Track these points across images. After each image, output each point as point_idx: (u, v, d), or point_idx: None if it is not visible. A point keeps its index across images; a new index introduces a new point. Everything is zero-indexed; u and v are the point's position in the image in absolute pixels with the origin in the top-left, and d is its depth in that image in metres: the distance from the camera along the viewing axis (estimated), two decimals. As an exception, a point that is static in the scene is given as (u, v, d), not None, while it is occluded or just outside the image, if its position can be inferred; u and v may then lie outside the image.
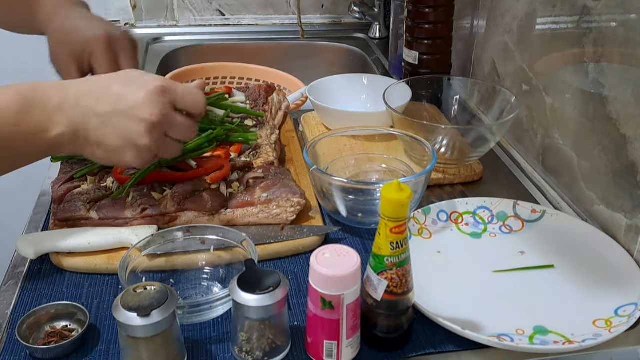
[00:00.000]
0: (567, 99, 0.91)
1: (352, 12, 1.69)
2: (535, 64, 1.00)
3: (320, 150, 0.89)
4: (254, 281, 0.62)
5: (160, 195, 0.82)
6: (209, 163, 0.88)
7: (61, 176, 0.88)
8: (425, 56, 1.17)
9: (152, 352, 0.60)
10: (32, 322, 0.68)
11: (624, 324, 0.66)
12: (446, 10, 1.15)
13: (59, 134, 0.67)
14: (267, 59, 1.58)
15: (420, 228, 0.83)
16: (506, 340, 0.65)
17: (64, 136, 0.68)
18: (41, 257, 0.78)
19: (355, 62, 1.64)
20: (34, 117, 0.66)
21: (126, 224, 0.80)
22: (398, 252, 0.60)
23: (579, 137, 0.89)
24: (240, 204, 0.82)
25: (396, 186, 0.58)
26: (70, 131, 0.68)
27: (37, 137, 0.67)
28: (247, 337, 0.63)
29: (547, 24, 0.96)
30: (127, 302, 0.58)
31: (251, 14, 1.75)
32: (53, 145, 0.68)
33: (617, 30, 0.79)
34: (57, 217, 0.81)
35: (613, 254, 0.77)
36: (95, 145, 0.70)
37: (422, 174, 0.81)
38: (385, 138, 0.97)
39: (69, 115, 0.68)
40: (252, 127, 1.00)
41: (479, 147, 0.95)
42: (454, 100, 1.09)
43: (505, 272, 0.77)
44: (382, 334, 0.65)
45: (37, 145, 0.68)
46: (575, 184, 0.91)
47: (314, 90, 1.12)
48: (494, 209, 0.86)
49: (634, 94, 0.76)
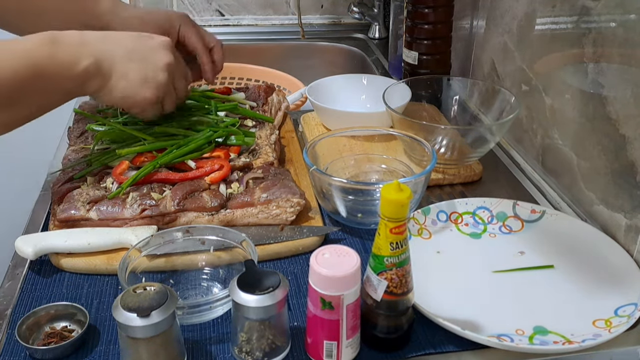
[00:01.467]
0: (566, 99, 0.91)
1: (351, 12, 1.69)
2: (535, 64, 1.00)
3: (319, 151, 0.89)
4: (254, 281, 0.62)
5: (160, 196, 0.82)
6: (208, 163, 0.88)
7: (61, 176, 0.88)
8: (425, 56, 1.17)
9: (152, 353, 0.59)
10: (31, 323, 0.68)
11: (624, 324, 0.66)
12: (445, 11, 1.15)
13: (87, 65, 0.74)
14: (266, 59, 1.58)
15: (420, 228, 0.83)
16: (506, 341, 0.65)
17: (91, 67, 0.74)
18: (41, 258, 0.78)
19: (355, 62, 1.64)
20: (64, 50, 0.73)
21: (126, 224, 0.80)
22: (398, 252, 0.60)
23: (578, 137, 0.89)
24: (240, 204, 0.82)
25: (396, 186, 0.58)
26: (97, 62, 0.75)
27: (69, 69, 0.73)
28: (246, 338, 0.63)
29: (546, 24, 0.96)
30: (127, 302, 0.58)
31: (250, 14, 1.75)
32: (80, 79, 0.74)
33: (616, 31, 0.79)
34: (57, 217, 0.81)
35: (613, 254, 0.77)
36: (119, 77, 0.78)
37: (421, 174, 0.81)
38: (385, 138, 0.97)
39: (96, 48, 0.76)
40: (252, 128, 1.00)
41: (479, 148, 0.95)
42: (454, 100, 1.09)
43: (505, 272, 0.77)
44: (381, 334, 0.65)
45: (69, 77, 0.74)
46: (574, 184, 0.91)
47: (314, 91, 1.12)
48: (493, 209, 0.86)
49: (634, 94, 0.76)
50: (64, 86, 0.75)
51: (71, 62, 0.73)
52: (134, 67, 0.79)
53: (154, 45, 0.82)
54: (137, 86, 0.80)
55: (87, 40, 0.76)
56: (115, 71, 0.77)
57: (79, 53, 0.74)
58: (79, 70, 0.74)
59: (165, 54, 0.82)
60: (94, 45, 0.76)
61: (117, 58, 0.78)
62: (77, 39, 0.75)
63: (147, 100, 0.81)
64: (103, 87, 0.78)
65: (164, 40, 0.83)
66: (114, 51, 0.78)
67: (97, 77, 0.76)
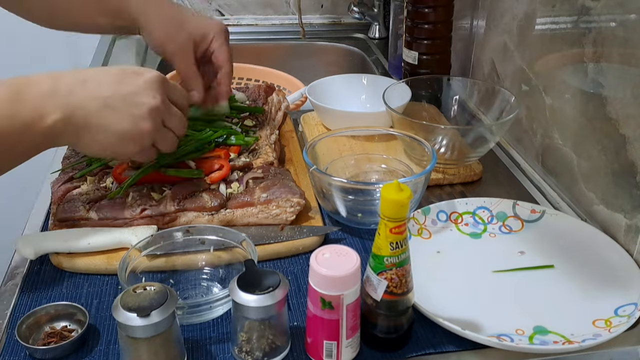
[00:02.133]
0: (566, 99, 0.91)
1: (351, 12, 1.69)
2: (535, 64, 1.00)
3: (319, 151, 0.89)
4: (254, 281, 0.62)
5: (160, 196, 0.82)
6: (208, 163, 0.88)
7: (61, 176, 0.88)
8: (425, 56, 1.17)
9: (152, 353, 0.59)
10: (31, 323, 0.68)
11: (624, 324, 0.66)
12: (445, 11, 1.15)
13: (54, 121, 0.66)
14: (266, 59, 1.57)
15: (420, 228, 0.83)
16: (506, 340, 0.65)
17: (59, 123, 0.66)
18: (41, 258, 0.78)
19: (355, 62, 1.64)
20: (28, 106, 0.65)
21: (126, 224, 0.80)
22: (398, 252, 0.60)
23: (578, 137, 0.89)
24: (240, 204, 0.82)
25: (396, 186, 0.58)
26: (66, 117, 0.67)
27: (33, 127, 0.65)
28: (246, 338, 0.63)
29: (546, 24, 0.96)
30: (127, 302, 0.58)
31: (250, 14, 1.75)
32: (49, 135, 0.67)
33: (616, 31, 0.79)
34: (57, 217, 0.81)
35: (613, 254, 0.77)
36: (95, 131, 0.69)
37: (421, 174, 0.81)
38: (385, 138, 0.97)
39: (65, 101, 0.67)
40: (252, 127, 1.00)
41: (479, 147, 0.95)
42: (454, 100, 1.09)
43: (505, 272, 0.77)
44: (381, 334, 0.65)
45: (34, 135, 0.66)
46: (574, 184, 0.91)
47: (314, 91, 1.12)
48: (493, 209, 0.86)
49: (634, 94, 0.76)
50: (32, 142, 0.67)
51: (35, 118, 0.65)
52: (111, 120, 0.69)
53: (138, 86, 0.71)
54: (118, 140, 0.71)
55: (58, 89, 0.67)
56: (89, 125, 0.69)
57: (44, 108, 0.66)
58: (44, 126, 0.66)
59: (150, 95, 0.71)
60: (65, 98, 0.67)
61: (92, 111, 0.68)
62: (45, 88, 0.66)
63: (129, 153, 0.73)
64: (77, 143, 0.70)
65: (150, 77, 0.72)
66: (88, 103, 0.68)
67: (68, 133, 0.68)
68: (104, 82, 0.70)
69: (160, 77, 0.74)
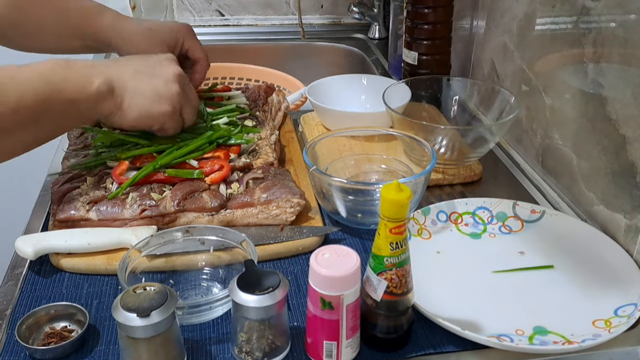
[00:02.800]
0: (566, 99, 0.91)
1: (351, 12, 1.69)
2: (535, 65, 1.00)
3: (319, 151, 0.89)
4: (254, 282, 0.62)
5: (160, 196, 0.82)
6: (208, 164, 0.88)
7: (61, 177, 0.88)
8: (425, 56, 1.17)
9: (152, 353, 0.59)
10: (31, 323, 0.68)
11: (624, 324, 0.66)
12: (445, 11, 1.15)
13: (99, 84, 0.76)
14: (266, 59, 1.58)
15: (420, 228, 0.83)
16: (506, 341, 0.65)
17: (103, 86, 0.76)
18: (40, 258, 0.78)
19: (355, 62, 1.64)
20: (77, 73, 0.76)
21: (125, 224, 0.80)
22: (397, 252, 0.60)
23: (578, 137, 0.89)
24: (240, 204, 0.82)
25: (395, 187, 0.58)
26: (108, 81, 0.77)
27: (82, 89, 0.75)
28: (246, 338, 0.63)
29: (546, 24, 0.96)
30: (127, 302, 0.58)
31: (250, 14, 1.75)
32: (95, 98, 0.76)
33: (616, 31, 0.79)
34: (57, 217, 0.81)
35: (612, 254, 0.77)
36: (132, 93, 0.79)
37: (421, 175, 0.81)
38: (385, 138, 0.97)
39: (105, 70, 0.78)
40: (252, 128, 1.00)
41: (479, 148, 0.95)
42: (454, 100, 1.09)
43: (505, 272, 0.77)
44: (381, 334, 0.65)
45: (83, 98, 0.75)
46: (574, 184, 0.91)
47: (314, 91, 1.12)
48: (493, 209, 0.86)
49: (634, 94, 0.76)
50: (79, 107, 0.76)
51: (83, 82, 0.75)
52: (145, 83, 0.81)
53: (160, 60, 0.85)
54: (153, 101, 0.81)
55: (97, 64, 0.80)
56: (127, 90, 0.79)
57: (90, 74, 0.76)
58: (92, 90, 0.76)
59: (172, 66, 0.85)
60: (103, 67, 0.79)
61: (127, 76, 0.80)
62: (88, 62, 0.79)
63: (165, 113, 0.83)
64: (118, 108, 0.79)
65: (168, 55, 0.87)
66: (123, 70, 0.80)
67: (110, 98, 0.78)
68: (132, 59, 0.86)
69: (174, 56, 0.88)
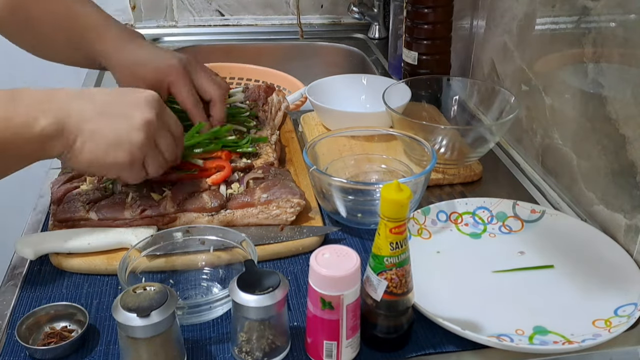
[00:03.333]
0: (566, 99, 0.91)
1: (351, 12, 1.69)
2: (535, 64, 1.00)
3: (319, 151, 0.89)
4: (254, 281, 0.62)
5: (160, 196, 0.82)
6: (209, 164, 0.88)
7: (61, 177, 0.88)
8: (425, 56, 1.17)
9: (152, 353, 0.59)
10: (31, 323, 0.68)
11: (624, 324, 0.66)
12: (445, 11, 1.15)
13: (46, 125, 0.66)
14: (266, 59, 1.57)
15: (420, 228, 0.83)
16: (506, 341, 0.65)
17: (51, 127, 0.67)
18: (40, 258, 0.78)
19: (355, 62, 1.64)
20: (22, 110, 0.66)
21: (125, 224, 0.80)
22: (398, 252, 0.60)
23: (578, 137, 0.89)
24: (240, 204, 0.82)
25: (395, 186, 0.58)
26: (59, 122, 0.67)
27: (26, 130, 0.66)
28: (246, 338, 0.63)
29: (546, 24, 0.96)
30: (127, 302, 0.58)
31: (250, 14, 1.75)
32: (41, 140, 0.67)
33: (616, 31, 0.79)
34: (57, 217, 0.81)
35: (612, 254, 0.77)
36: (87, 138, 0.69)
37: (421, 174, 0.81)
38: (385, 138, 0.97)
39: (59, 107, 0.68)
40: (252, 128, 1.00)
41: (479, 148, 0.95)
42: (454, 100, 1.09)
43: (505, 272, 0.77)
44: (381, 334, 0.65)
45: (26, 140, 0.66)
46: (574, 184, 0.91)
47: (314, 91, 1.12)
48: (493, 209, 0.86)
49: (634, 94, 0.76)
50: (22, 150, 0.67)
51: (27, 123, 0.66)
52: (104, 126, 0.70)
53: (135, 100, 0.73)
54: (108, 147, 0.70)
55: (55, 97, 0.69)
56: (82, 131, 0.69)
57: (37, 112, 0.66)
58: (35, 132, 0.66)
59: (145, 110, 0.72)
60: (61, 103, 0.68)
61: (87, 116, 0.69)
62: (41, 96, 0.68)
63: (118, 164, 0.72)
64: (68, 150, 0.69)
65: (148, 95, 0.74)
66: (84, 108, 0.69)
67: (59, 139, 0.68)
68: (102, 94, 0.73)
69: (157, 96, 0.75)
